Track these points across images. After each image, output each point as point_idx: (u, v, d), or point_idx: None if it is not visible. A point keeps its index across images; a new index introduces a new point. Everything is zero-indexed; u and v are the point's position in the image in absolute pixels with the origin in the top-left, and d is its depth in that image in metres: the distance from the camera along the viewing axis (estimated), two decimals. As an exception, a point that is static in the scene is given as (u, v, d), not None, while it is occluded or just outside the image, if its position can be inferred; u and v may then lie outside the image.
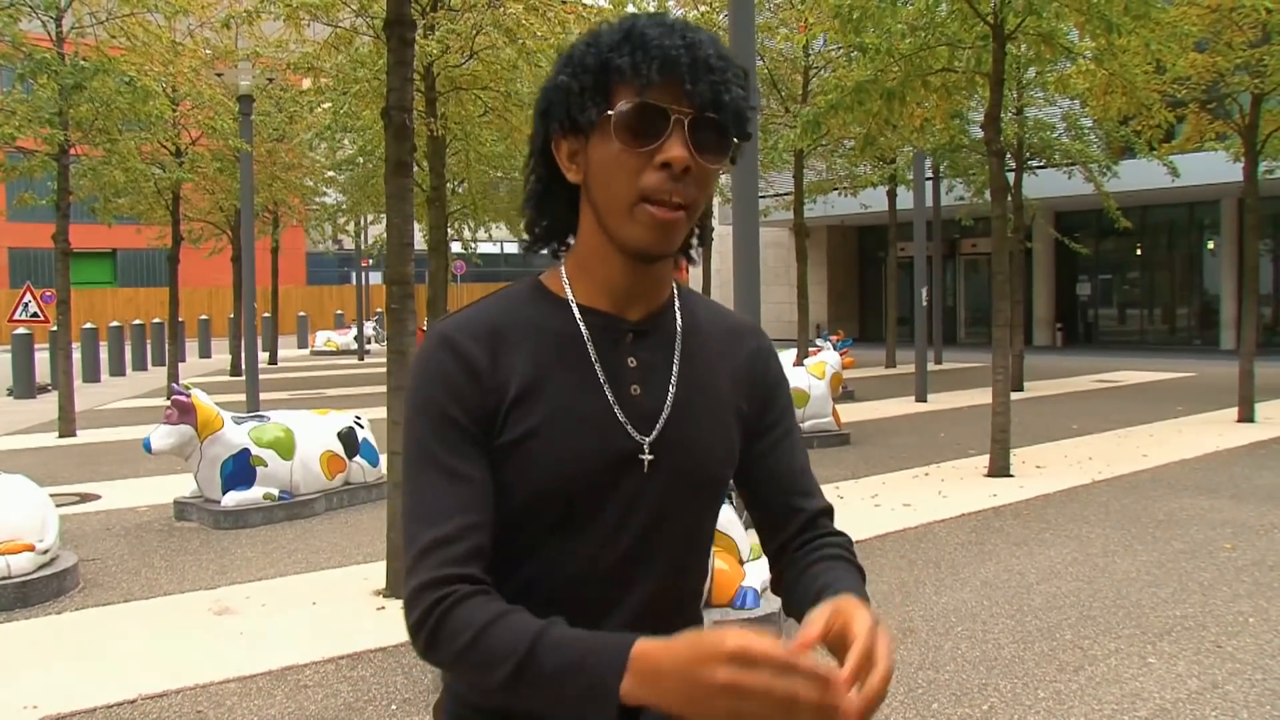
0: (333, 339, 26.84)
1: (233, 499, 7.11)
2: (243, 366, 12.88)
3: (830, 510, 1.35)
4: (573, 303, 1.22)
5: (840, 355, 11.06)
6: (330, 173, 18.60)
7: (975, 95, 10.48)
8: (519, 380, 1.18)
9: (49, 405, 13.51)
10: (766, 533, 1.35)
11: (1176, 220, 23.98)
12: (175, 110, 13.00)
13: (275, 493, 7.27)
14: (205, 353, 25.48)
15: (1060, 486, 8.06)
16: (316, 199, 20.66)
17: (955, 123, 12.16)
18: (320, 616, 5.12)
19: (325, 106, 10.41)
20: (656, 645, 0.98)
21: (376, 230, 22.44)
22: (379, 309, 30.05)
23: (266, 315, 23.52)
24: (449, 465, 1.15)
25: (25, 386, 15.78)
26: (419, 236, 8.34)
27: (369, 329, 27.59)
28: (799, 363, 11.25)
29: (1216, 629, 4.74)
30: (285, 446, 7.38)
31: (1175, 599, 5.20)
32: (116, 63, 10.42)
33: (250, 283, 11.72)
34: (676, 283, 1.30)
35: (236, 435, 7.17)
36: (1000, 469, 8.55)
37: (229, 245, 19.08)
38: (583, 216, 1.22)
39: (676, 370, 1.24)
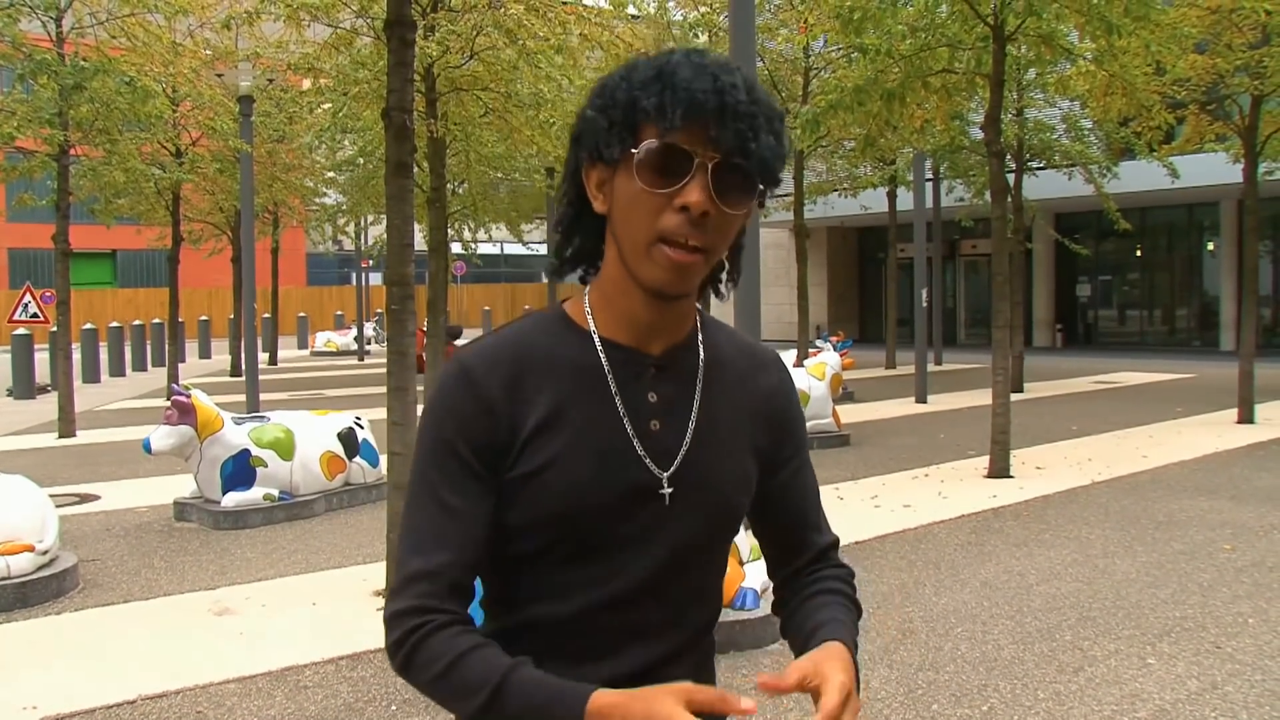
0: (333, 340, 26.83)
1: (232, 499, 7.11)
2: (243, 367, 12.88)
3: (836, 543, 1.40)
4: (595, 335, 1.22)
5: (840, 356, 11.06)
6: (330, 173, 18.58)
7: (975, 96, 10.49)
8: (539, 411, 1.18)
9: (49, 406, 13.51)
10: (774, 562, 1.39)
11: (1176, 221, 23.99)
12: (175, 111, 13.00)
13: (275, 493, 7.27)
14: (205, 353, 25.48)
15: (1060, 487, 8.06)
16: (317, 200, 20.65)
17: (955, 124, 12.16)
18: (320, 617, 5.12)
19: (325, 107, 10.40)
20: (612, 703, 1.03)
21: (376, 231, 22.42)
22: (379, 310, 30.04)
23: (266, 316, 23.52)
24: (445, 500, 1.17)
25: (25, 387, 15.78)
26: (419, 237, 8.33)
27: (369, 330, 27.58)
28: (799, 364, 11.25)
29: (1216, 630, 4.74)
30: (285, 447, 7.38)
31: (1175, 600, 5.20)
32: (116, 63, 10.42)
33: (250, 283, 11.71)
34: (700, 312, 1.29)
35: (236, 436, 7.17)
36: (1000, 470, 8.55)
37: (229, 246, 19.08)
38: (608, 247, 1.22)
39: (697, 405, 1.25)
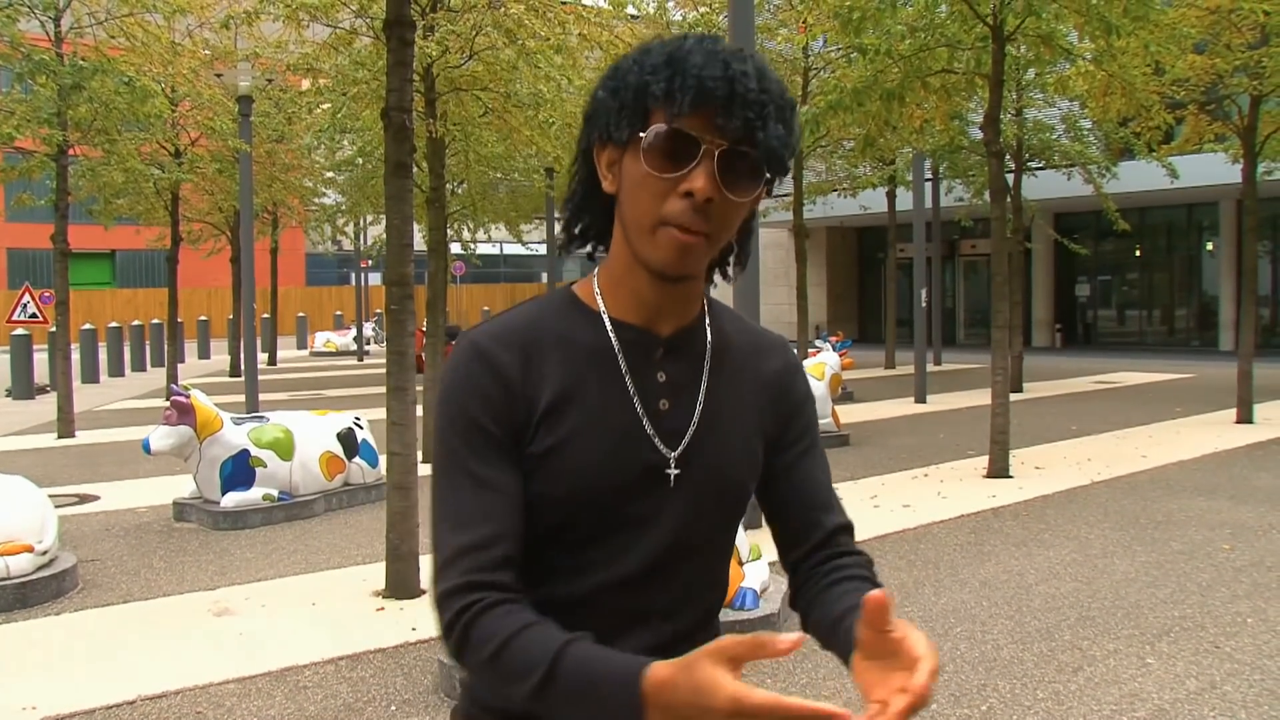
0: (332, 340, 26.83)
1: (232, 500, 7.11)
2: (242, 367, 12.89)
3: (850, 527, 1.33)
4: (605, 315, 1.23)
5: (839, 356, 11.06)
6: (329, 174, 18.59)
7: (975, 96, 10.49)
8: (551, 391, 1.18)
9: (48, 406, 13.50)
10: (785, 546, 1.33)
11: (1175, 221, 24.00)
12: (174, 111, 12.99)
13: (274, 494, 7.27)
14: (204, 353, 25.49)
15: (1059, 487, 8.06)
16: (316, 200, 20.65)
17: (955, 124, 12.16)
18: (319, 617, 5.12)
19: (324, 107, 10.40)
20: (664, 679, 0.96)
21: (376, 231, 22.42)
22: (378, 310, 30.04)
23: (266, 316, 23.52)
24: (479, 474, 1.15)
25: (24, 387, 15.78)
26: (418, 237, 8.33)
27: (368, 330, 27.58)
28: (798, 363, 11.23)
29: (1215, 629, 4.74)
30: (284, 447, 7.38)
31: (1174, 600, 5.21)
32: (115, 63, 10.41)
33: (249, 283, 11.71)
34: (707, 296, 1.30)
35: (236, 436, 7.17)
36: (999, 470, 8.55)
37: (228, 246, 19.08)
38: (616, 228, 1.22)
39: (704, 387, 1.25)
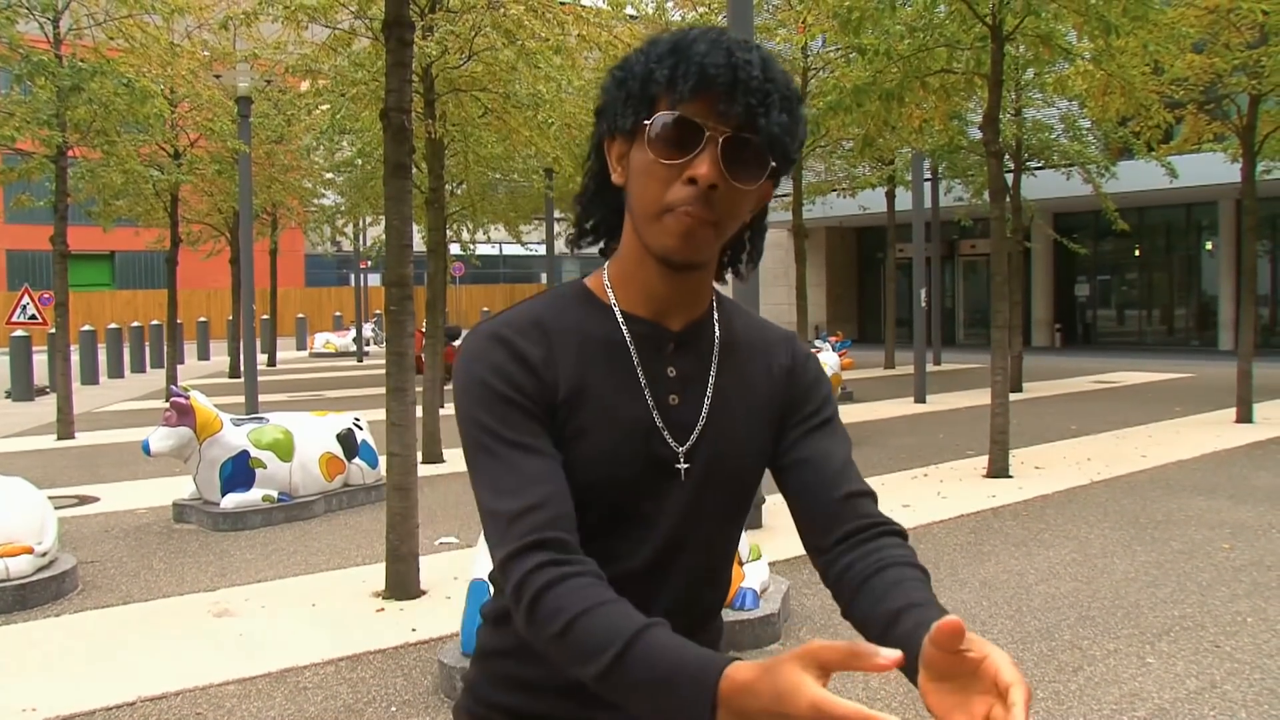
0: (331, 341, 26.83)
1: (231, 501, 7.11)
2: (241, 368, 12.89)
3: (874, 495, 1.26)
4: (617, 309, 1.23)
5: (839, 356, 11.08)
6: (329, 174, 18.59)
7: (974, 96, 10.50)
8: (567, 381, 1.19)
9: (47, 408, 13.50)
10: (809, 525, 1.25)
11: (1174, 221, 24.00)
12: (173, 112, 12.99)
13: (274, 494, 7.27)
14: (204, 355, 25.48)
15: (1059, 487, 8.06)
16: (315, 201, 20.66)
17: (954, 124, 12.16)
18: (319, 618, 5.12)
19: (324, 108, 10.40)
20: (743, 682, 0.92)
21: (375, 232, 22.43)
22: (378, 311, 30.03)
23: (265, 317, 23.51)
24: (520, 441, 1.14)
25: (24, 389, 15.77)
26: (418, 238, 8.34)
27: (368, 331, 27.57)
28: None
29: (1215, 629, 4.74)
30: (284, 448, 7.37)
31: (1173, 599, 5.21)
32: (114, 64, 10.41)
33: (249, 284, 11.71)
34: (716, 292, 1.30)
35: (235, 437, 7.17)
36: (999, 470, 8.55)
37: (227, 247, 19.07)
38: (626, 220, 1.23)
39: (713, 382, 1.25)
